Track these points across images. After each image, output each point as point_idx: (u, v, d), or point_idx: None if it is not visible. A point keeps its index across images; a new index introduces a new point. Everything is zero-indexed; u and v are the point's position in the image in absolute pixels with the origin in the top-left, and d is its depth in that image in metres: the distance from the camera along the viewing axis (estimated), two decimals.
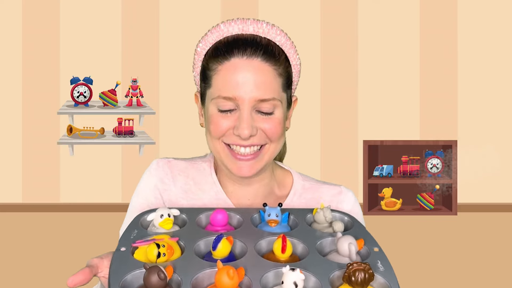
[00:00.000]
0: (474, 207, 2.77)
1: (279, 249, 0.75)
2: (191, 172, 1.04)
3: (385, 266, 0.74)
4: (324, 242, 0.82)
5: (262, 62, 0.90)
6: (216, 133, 0.92)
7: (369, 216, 2.76)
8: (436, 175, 2.81)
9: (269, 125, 0.92)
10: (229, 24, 0.94)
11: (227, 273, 0.64)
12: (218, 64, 0.91)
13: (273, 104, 0.91)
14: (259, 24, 0.94)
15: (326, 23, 2.84)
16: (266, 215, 0.85)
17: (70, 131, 2.78)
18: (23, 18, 2.83)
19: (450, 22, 2.84)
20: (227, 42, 0.92)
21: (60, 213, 2.76)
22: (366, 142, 2.80)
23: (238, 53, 0.90)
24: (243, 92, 0.88)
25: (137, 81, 2.80)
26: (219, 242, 0.73)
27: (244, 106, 0.89)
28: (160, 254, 0.72)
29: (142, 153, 2.82)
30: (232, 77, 0.89)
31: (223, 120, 0.91)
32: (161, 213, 0.82)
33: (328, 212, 0.87)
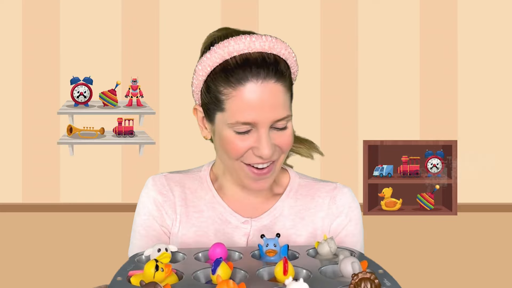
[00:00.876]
0: (474, 207, 2.76)
1: (281, 272, 0.73)
2: (186, 182, 1.07)
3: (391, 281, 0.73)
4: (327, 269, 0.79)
5: (275, 83, 0.92)
6: (235, 155, 0.94)
7: (369, 216, 2.76)
8: (436, 175, 2.81)
9: (283, 139, 0.95)
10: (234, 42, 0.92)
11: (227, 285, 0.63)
12: (232, 89, 0.91)
13: (286, 120, 0.94)
14: (264, 38, 0.93)
15: (326, 23, 2.84)
16: (264, 245, 0.85)
17: (70, 131, 2.78)
18: (23, 18, 2.83)
19: (450, 22, 2.84)
20: (237, 64, 0.91)
21: (60, 213, 2.76)
22: (366, 142, 2.80)
23: (252, 77, 0.90)
24: (261, 116, 0.90)
25: (137, 81, 2.80)
26: (219, 266, 0.71)
27: (262, 129, 0.91)
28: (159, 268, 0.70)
29: (142, 153, 2.82)
30: (249, 103, 0.89)
31: (241, 142, 0.92)
32: (159, 248, 0.82)
33: (332, 243, 0.85)
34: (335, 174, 2.78)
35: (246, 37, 0.92)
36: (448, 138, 2.81)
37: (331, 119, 2.83)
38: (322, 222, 1.05)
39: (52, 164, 2.84)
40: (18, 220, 2.76)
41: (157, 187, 1.05)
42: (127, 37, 2.85)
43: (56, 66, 2.85)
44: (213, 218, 1.04)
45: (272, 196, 1.07)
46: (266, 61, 0.92)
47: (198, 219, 1.04)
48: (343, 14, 2.85)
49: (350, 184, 3.14)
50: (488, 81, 2.82)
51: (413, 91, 2.84)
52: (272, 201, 1.06)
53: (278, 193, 1.07)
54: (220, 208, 1.04)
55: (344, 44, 2.85)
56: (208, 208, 1.04)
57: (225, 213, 1.03)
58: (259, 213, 1.04)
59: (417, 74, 2.84)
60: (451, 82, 2.84)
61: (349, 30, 2.85)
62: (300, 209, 1.05)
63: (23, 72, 2.84)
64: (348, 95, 2.84)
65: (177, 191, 1.05)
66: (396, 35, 2.83)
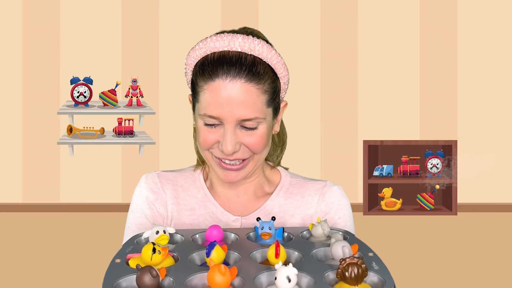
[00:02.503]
0: (474, 207, 2.76)
1: (273, 255, 0.75)
2: (179, 180, 1.09)
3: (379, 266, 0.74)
4: (319, 252, 0.81)
5: (246, 83, 0.93)
6: (204, 145, 0.98)
7: (369, 216, 2.76)
8: (436, 175, 2.81)
9: (252, 139, 0.96)
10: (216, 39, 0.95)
11: (219, 269, 0.64)
12: (204, 83, 0.94)
13: (256, 121, 0.95)
14: (246, 40, 0.94)
15: (326, 23, 2.84)
16: (259, 228, 0.87)
17: (70, 131, 2.78)
18: (23, 18, 2.83)
19: (450, 22, 2.84)
20: (213, 60, 0.94)
21: (60, 213, 2.76)
22: (366, 142, 2.80)
23: (222, 75, 0.92)
24: (226, 112, 0.92)
25: (137, 81, 2.80)
26: (213, 249, 0.74)
27: (227, 125, 0.93)
28: (156, 251, 0.72)
29: (142, 153, 2.82)
30: (216, 98, 0.92)
31: (209, 134, 0.96)
32: (157, 230, 0.83)
33: (326, 226, 0.88)
34: (335, 174, 2.78)
35: (228, 36, 0.95)
36: (448, 138, 2.81)
37: (331, 119, 2.83)
38: (311, 220, 1.07)
39: (52, 164, 2.84)
40: (18, 220, 2.76)
41: (149, 185, 1.07)
42: (127, 37, 2.85)
43: (56, 66, 2.85)
44: (205, 216, 1.06)
45: (263, 195, 1.08)
46: (241, 61, 0.94)
47: (190, 216, 1.06)
48: (343, 14, 2.85)
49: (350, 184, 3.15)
50: (488, 81, 2.83)
51: (413, 91, 2.84)
52: (263, 199, 1.07)
53: (269, 192, 1.09)
54: (211, 207, 1.05)
55: (344, 44, 2.85)
56: (199, 206, 1.06)
57: (216, 212, 1.05)
58: (250, 211, 1.06)
59: (417, 74, 2.85)
60: (451, 82, 2.84)
61: (349, 30, 2.85)
62: (290, 207, 1.07)
63: (23, 72, 2.84)
64: (348, 95, 2.84)
65: (169, 189, 1.07)
66: (396, 35, 2.83)
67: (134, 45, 2.84)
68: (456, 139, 2.80)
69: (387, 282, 0.69)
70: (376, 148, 2.84)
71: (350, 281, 0.66)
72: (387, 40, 2.83)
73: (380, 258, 0.77)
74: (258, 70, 0.94)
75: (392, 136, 2.81)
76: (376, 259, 0.77)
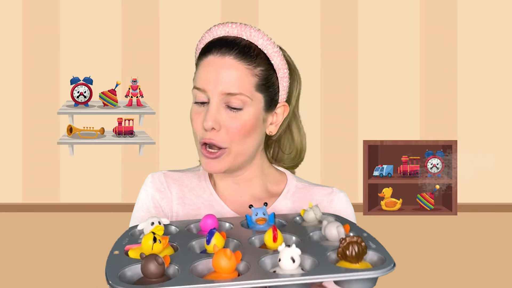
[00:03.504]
0: (474, 207, 2.76)
1: (271, 239, 0.76)
2: (185, 180, 1.09)
3: (376, 244, 0.76)
4: (314, 235, 0.83)
5: (235, 59, 0.96)
6: (194, 128, 0.99)
7: (369, 216, 2.76)
8: (436, 175, 2.81)
9: (234, 124, 0.95)
10: (217, 27, 1.00)
11: (225, 253, 0.65)
12: (199, 61, 0.99)
13: (241, 99, 0.95)
14: (244, 27, 0.99)
15: (326, 23, 2.84)
16: (254, 215, 0.87)
17: (70, 131, 2.78)
18: (23, 18, 2.83)
19: (450, 22, 2.84)
20: (211, 42, 0.99)
21: (60, 213, 2.76)
22: (366, 142, 2.80)
23: (214, 51, 0.97)
24: (212, 85, 0.94)
25: (137, 81, 2.80)
26: (213, 236, 0.74)
27: (212, 99, 0.95)
28: (156, 240, 0.72)
29: (142, 153, 2.82)
30: (205, 71, 0.96)
31: (196, 117, 0.98)
32: (152, 221, 0.83)
33: (318, 210, 0.89)
34: (335, 174, 2.78)
35: (229, 24, 0.99)
36: (448, 138, 2.81)
37: (331, 119, 2.83)
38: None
39: (52, 164, 2.84)
40: (18, 220, 2.76)
41: (155, 184, 1.07)
42: (127, 37, 2.85)
43: (56, 66, 2.85)
44: None
45: (268, 196, 1.07)
46: (235, 41, 0.97)
47: (195, 217, 1.04)
48: (343, 14, 2.85)
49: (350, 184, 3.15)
50: (488, 81, 2.83)
51: (413, 91, 2.84)
52: (269, 201, 1.06)
53: (275, 194, 1.08)
54: (217, 207, 1.04)
55: (344, 44, 2.85)
56: (205, 206, 1.05)
57: (222, 212, 1.04)
58: None
59: (417, 74, 2.84)
60: (451, 82, 2.84)
61: (349, 30, 2.85)
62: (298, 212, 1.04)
63: (23, 72, 2.84)
64: (348, 95, 2.84)
65: (174, 189, 1.06)
66: (396, 35, 2.83)
67: (134, 45, 2.84)
68: (456, 139, 2.80)
69: (387, 259, 0.70)
70: (376, 148, 2.84)
71: (351, 259, 0.67)
72: (387, 40, 2.83)
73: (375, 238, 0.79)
74: (249, 51, 0.97)
75: (392, 136, 2.81)
76: (371, 238, 0.79)
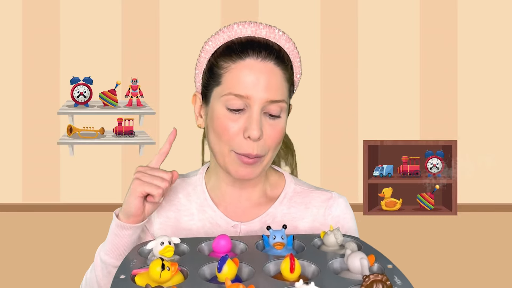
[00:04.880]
0: (474, 207, 2.76)
1: (287, 269, 0.71)
2: (180, 189, 1.05)
3: (402, 280, 0.71)
4: (335, 263, 0.77)
5: (275, 65, 0.92)
6: (225, 137, 0.92)
7: (369, 216, 2.76)
8: (436, 175, 2.81)
9: (274, 131, 0.93)
10: (242, 26, 0.95)
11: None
12: (232, 63, 0.92)
13: (281, 106, 0.92)
14: (272, 29, 0.96)
15: (326, 23, 2.84)
16: (271, 238, 0.82)
17: (70, 131, 2.78)
18: (23, 18, 2.82)
19: (450, 22, 2.84)
20: (241, 42, 0.93)
21: (60, 213, 2.76)
22: (366, 142, 2.80)
23: (253, 54, 0.91)
24: (255, 92, 0.89)
25: (137, 81, 2.80)
26: (225, 264, 0.70)
27: (254, 107, 0.90)
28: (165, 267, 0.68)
29: (142, 153, 2.82)
30: (247, 77, 0.90)
31: (231, 123, 0.91)
32: (161, 241, 0.79)
33: (339, 234, 0.83)
34: (335, 174, 2.78)
35: (254, 24, 0.96)
36: (448, 138, 2.81)
37: (331, 119, 2.83)
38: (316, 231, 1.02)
39: (52, 164, 2.84)
40: (18, 220, 2.76)
41: None
42: (127, 37, 2.85)
43: (56, 66, 2.84)
44: (203, 221, 1.02)
45: (266, 201, 1.04)
46: (269, 45, 0.94)
47: (188, 222, 1.02)
48: (343, 14, 2.85)
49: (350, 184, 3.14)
50: (488, 81, 2.82)
51: (413, 91, 2.84)
52: (265, 206, 1.03)
53: (272, 198, 1.05)
54: (210, 212, 1.02)
55: (344, 44, 2.85)
56: (198, 211, 1.03)
57: (215, 217, 1.02)
58: (251, 217, 1.02)
59: (417, 74, 2.84)
60: (451, 82, 2.84)
61: (349, 30, 2.85)
62: (293, 217, 1.03)
63: (23, 72, 2.84)
64: (348, 95, 2.84)
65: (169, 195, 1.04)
66: (396, 35, 2.83)
67: (134, 45, 2.84)
68: (456, 139, 2.80)
69: None
70: (376, 148, 2.84)
71: None
72: (387, 40, 2.83)
73: (400, 270, 0.74)
74: (284, 56, 0.95)
75: (392, 136, 2.80)
76: (397, 272, 0.73)
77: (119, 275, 0.72)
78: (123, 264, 0.78)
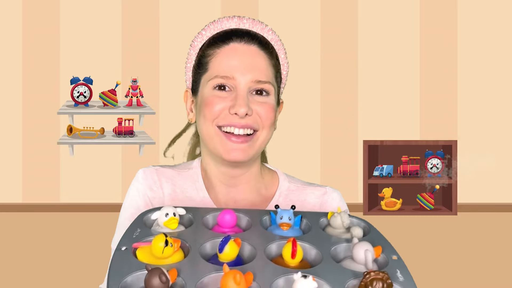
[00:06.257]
0: (474, 207, 2.76)
1: (289, 254, 0.70)
2: (177, 180, 1.03)
3: (404, 275, 0.70)
4: (338, 248, 0.77)
5: (258, 49, 0.95)
6: (211, 115, 0.93)
7: (369, 216, 2.76)
8: (436, 175, 2.81)
9: (263, 109, 0.93)
10: (226, 20, 0.99)
11: (234, 277, 0.61)
12: (217, 49, 0.95)
13: (268, 87, 0.94)
14: (255, 22, 0.99)
15: (326, 23, 2.84)
16: (278, 217, 0.81)
17: (70, 131, 2.78)
18: (23, 18, 2.82)
19: (450, 22, 2.84)
20: (225, 32, 0.97)
21: (60, 213, 2.76)
22: (366, 142, 2.80)
23: (237, 39, 0.95)
24: (240, 73, 0.91)
25: (137, 81, 2.80)
26: (226, 244, 0.69)
27: (241, 86, 0.91)
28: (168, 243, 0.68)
29: (142, 153, 2.82)
30: (231, 59, 0.93)
31: (218, 100, 0.92)
32: (166, 212, 0.78)
33: (346, 217, 0.83)
34: (335, 174, 2.78)
35: (238, 18, 0.99)
36: (448, 138, 2.81)
37: (331, 119, 2.83)
38: None
39: (52, 164, 2.84)
40: (18, 220, 2.76)
41: (147, 181, 1.02)
42: (127, 37, 2.85)
43: (56, 66, 2.84)
44: None
45: (261, 201, 1.04)
46: (252, 33, 0.97)
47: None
48: (343, 14, 2.85)
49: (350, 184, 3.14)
50: (487, 81, 2.82)
51: (413, 91, 2.84)
52: (261, 206, 1.03)
53: (267, 197, 1.04)
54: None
55: (344, 44, 2.85)
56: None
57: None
58: None
59: (417, 74, 2.84)
60: (451, 82, 2.84)
61: (349, 30, 2.85)
62: None
63: (23, 72, 2.84)
64: (348, 95, 2.84)
65: (167, 188, 1.02)
66: (396, 35, 2.83)
67: (134, 45, 2.84)
68: (456, 139, 2.80)
69: None
70: (376, 148, 2.84)
71: None
72: (387, 40, 2.83)
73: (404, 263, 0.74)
74: (267, 43, 0.97)
75: (392, 136, 2.81)
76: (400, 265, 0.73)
77: (121, 247, 0.72)
78: (126, 234, 0.77)
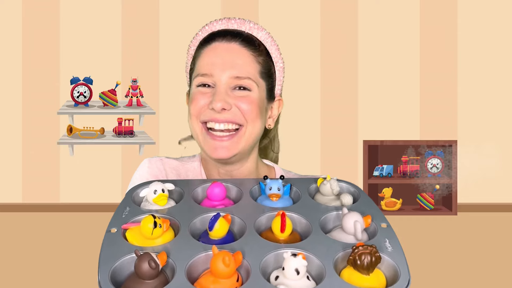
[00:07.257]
0: (474, 207, 2.76)
1: (278, 228, 0.70)
2: (182, 171, 1.05)
3: (393, 245, 0.71)
4: (328, 217, 0.77)
5: (240, 46, 0.95)
6: (194, 111, 0.95)
7: None
8: (436, 175, 2.81)
9: (244, 103, 0.93)
10: (216, 22, 1.00)
11: (223, 260, 0.61)
12: (202, 50, 0.97)
13: (248, 83, 0.94)
14: (243, 21, 1.00)
15: (326, 23, 2.84)
16: (267, 188, 0.81)
17: (70, 131, 2.78)
18: (23, 18, 2.82)
19: (450, 22, 2.84)
20: (212, 33, 0.99)
21: (60, 213, 2.76)
22: (366, 142, 2.80)
23: (219, 38, 0.96)
24: (219, 70, 0.93)
25: (137, 81, 2.80)
26: (216, 222, 0.69)
27: (220, 83, 0.93)
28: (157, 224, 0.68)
29: (142, 153, 2.82)
30: (211, 57, 0.95)
31: (201, 97, 0.94)
32: (155, 189, 0.77)
33: (335, 184, 0.83)
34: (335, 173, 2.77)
35: (227, 19, 0.99)
36: (448, 138, 2.81)
37: (331, 119, 2.83)
38: None
39: (52, 164, 2.84)
40: (18, 220, 2.76)
41: (152, 170, 1.02)
42: (127, 37, 2.85)
43: (56, 66, 2.85)
44: None
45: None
46: (237, 32, 0.97)
47: None
48: (343, 14, 2.85)
49: None
50: (487, 82, 2.83)
51: (413, 91, 2.84)
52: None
53: None
54: None
55: (344, 44, 2.85)
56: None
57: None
58: None
59: (417, 74, 2.85)
60: (451, 82, 2.84)
61: (349, 30, 2.85)
62: None
63: (23, 72, 2.84)
64: (348, 95, 2.84)
65: (172, 178, 1.02)
66: (396, 35, 2.83)
67: (134, 45, 2.84)
68: (456, 139, 2.80)
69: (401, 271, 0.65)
70: (376, 148, 2.84)
71: (362, 271, 0.63)
72: (387, 40, 2.83)
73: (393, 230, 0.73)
74: (253, 40, 0.97)
75: (392, 136, 2.81)
76: (389, 233, 0.73)
77: (110, 228, 0.72)
78: (116, 214, 0.76)
